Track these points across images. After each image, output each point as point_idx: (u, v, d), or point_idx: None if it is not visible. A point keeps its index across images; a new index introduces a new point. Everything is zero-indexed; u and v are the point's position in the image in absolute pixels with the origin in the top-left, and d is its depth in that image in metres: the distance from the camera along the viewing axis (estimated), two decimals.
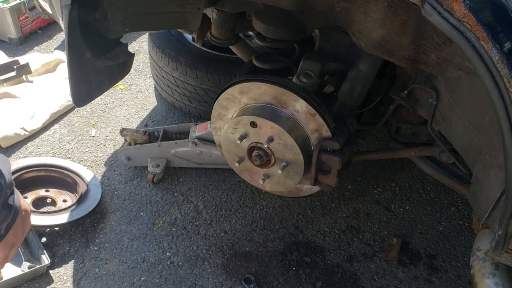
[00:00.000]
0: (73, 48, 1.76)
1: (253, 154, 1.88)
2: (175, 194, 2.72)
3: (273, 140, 1.82)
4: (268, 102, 1.83)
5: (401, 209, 2.69)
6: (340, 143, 1.77)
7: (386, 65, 2.10)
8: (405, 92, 1.95)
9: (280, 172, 1.85)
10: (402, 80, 2.03)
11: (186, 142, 2.71)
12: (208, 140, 2.70)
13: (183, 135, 2.82)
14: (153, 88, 3.51)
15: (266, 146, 1.82)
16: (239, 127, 1.87)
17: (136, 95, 3.46)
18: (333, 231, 2.55)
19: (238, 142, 1.86)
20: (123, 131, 2.82)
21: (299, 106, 1.78)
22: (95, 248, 2.43)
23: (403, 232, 2.57)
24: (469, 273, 2.27)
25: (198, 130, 2.74)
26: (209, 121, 2.74)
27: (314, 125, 1.80)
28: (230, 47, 2.54)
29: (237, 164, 1.95)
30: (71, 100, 2.48)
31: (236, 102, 1.91)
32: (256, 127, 1.83)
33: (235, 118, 1.88)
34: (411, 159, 2.20)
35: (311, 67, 1.93)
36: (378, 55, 1.73)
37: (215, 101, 1.98)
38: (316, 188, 2.01)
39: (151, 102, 3.40)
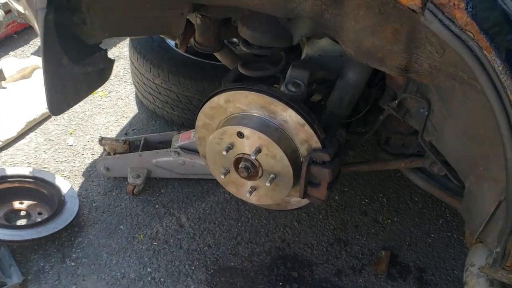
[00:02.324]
0: (49, 54, 1.66)
1: (240, 165, 1.79)
2: (157, 206, 2.62)
3: (260, 151, 1.74)
4: (256, 111, 1.75)
5: (389, 221, 2.63)
6: (330, 154, 1.69)
7: (376, 74, 2.04)
8: (396, 102, 1.89)
9: (268, 184, 1.76)
10: (392, 90, 1.97)
11: (168, 152, 2.61)
12: (191, 150, 2.61)
13: (165, 144, 2.73)
14: (134, 95, 3.40)
15: (253, 157, 1.73)
16: (225, 137, 1.78)
17: (116, 102, 3.35)
18: (320, 244, 2.48)
19: (224, 153, 1.77)
20: (102, 140, 2.70)
21: (288, 116, 1.71)
22: (72, 263, 2.31)
23: (392, 244, 2.51)
24: None
25: (181, 139, 2.65)
26: (193, 130, 2.66)
27: (303, 135, 1.72)
28: (215, 53, 2.46)
29: (222, 176, 1.86)
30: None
31: (222, 111, 1.82)
32: (243, 137, 1.74)
33: (221, 128, 1.79)
34: (401, 170, 2.14)
35: (299, 76, 1.86)
36: (369, 63, 1.66)
37: (199, 110, 1.89)
38: (304, 201, 1.93)
39: (132, 109, 3.29)
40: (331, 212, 2.64)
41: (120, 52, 3.89)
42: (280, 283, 2.28)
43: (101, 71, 1.94)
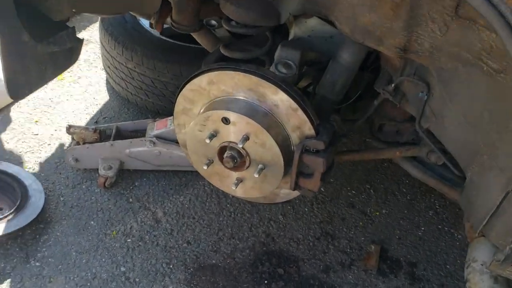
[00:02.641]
0: (6, 30, 1.48)
1: (225, 155, 1.63)
2: (130, 200, 2.42)
3: (248, 139, 1.57)
4: (243, 94, 1.58)
5: (377, 213, 2.51)
6: (325, 142, 1.54)
7: (369, 56, 1.89)
8: (392, 86, 1.75)
9: (256, 176, 1.60)
10: (387, 72, 1.83)
11: (143, 141, 2.42)
12: (168, 139, 2.42)
13: (139, 133, 2.53)
14: (105, 81, 3.17)
15: (240, 146, 1.56)
16: (209, 123, 1.61)
17: (85, 88, 3.11)
18: (306, 238, 2.33)
19: (208, 141, 1.60)
20: (70, 129, 2.49)
21: (279, 100, 1.54)
22: (37, 264, 2.10)
23: (381, 238, 2.39)
24: (459, 284, 2.14)
25: (156, 127, 2.46)
26: (169, 118, 2.47)
27: (295, 121, 1.56)
28: (193, 35, 2.27)
29: (205, 167, 1.69)
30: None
31: (204, 94, 1.65)
32: (229, 123, 1.57)
33: (203, 113, 1.62)
34: (394, 159, 2.01)
35: (290, 56, 1.69)
36: (365, 43, 1.53)
37: (178, 93, 1.71)
38: (295, 193, 1.77)
39: (103, 96, 3.06)
40: (317, 204, 2.50)
41: (91, 36, 3.64)
42: (265, 281, 2.13)
43: (68, 51, 1.79)
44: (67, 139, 2.70)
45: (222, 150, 1.65)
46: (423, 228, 2.47)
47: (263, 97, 1.56)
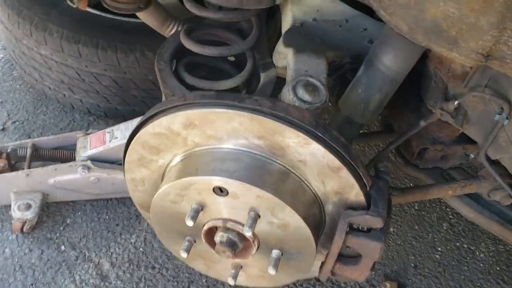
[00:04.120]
0: None
1: (218, 239, 1.01)
2: (62, 248, 1.75)
3: (259, 218, 0.96)
4: (246, 144, 0.94)
5: None
6: (383, 217, 0.96)
7: None
8: (455, 103, 1.20)
9: (272, 270, 1.00)
10: (441, 83, 1.26)
11: (73, 167, 1.72)
12: (108, 160, 1.74)
13: (67, 151, 1.82)
14: (10, 67, 2.35)
15: (249, 233, 0.95)
16: (190, 194, 0.97)
17: None
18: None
19: (190, 223, 0.96)
20: None
21: (310, 155, 0.93)
22: None
23: (395, 269, 1.90)
24: None
25: (90, 144, 1.76)
26: (107, 130, 1.78)
27: (334, 185, 0.97)
28: (139, 15, 1.56)
29: (184, 255, 1.05)
30: None
31: (177, 142, 0.99)
32: (227, 195, 0.94)
33: (180, 179, 0.96)
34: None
35: (312, 68, 1.06)
36: (430, 46, 1.00)
37: (131, 138, 1.04)
38: (312, 274, 1.20)
39: (9, 89, 2.26)
40: None
41: None
42: None
43: None
44: None
45: (211, 231, 1.02)
46: (439, 249, 2.01)
47: (282, 150, 0.93)
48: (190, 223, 0.95)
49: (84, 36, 1.89)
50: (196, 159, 0.97)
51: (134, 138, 1.02)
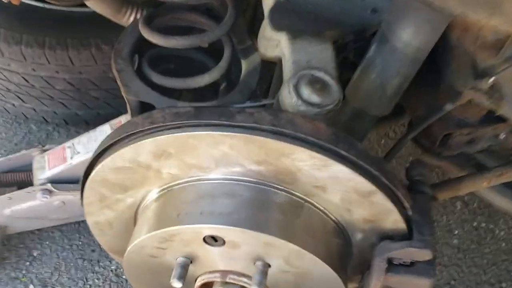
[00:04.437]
0: None
1: None
2: (31, 286, 1.50)
3: (270, 267, 0.72)
4: (243, 173, 0.69)
5: None
6: (432, 247, 0.73)
7: None
8: (490, 80, 0.97)
9: None
10: (467, 55, 1.03)
11: (31, 193, 1.45)
12: (71, 181, 1.48)
13: (21, 172, 1.54)
14: None
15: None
16: (175, 245, 0.72)
17: None
18: None
19: (178, 284, 0.72)
20: None
21: (329, 179, 0.68)
22: None
23: None
24: None
25: (49, 163, 1.50)
26: (67, 144, 1.51)
27: (365, 212, 0.73)
28: (87, 3, 1.29)
29: None
30: None
31: (150, 175, 0.74)
32: (223, 244, 0.70)
33: (157, 230, 0.71)
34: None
35: (318, 59, 0.81)
36: (465, 14, 0.77)
37: (86, 174, 0.78)
38: None
39: None
40: None
41: None
42: None
43: None
44: None
45: (208, 285, 0.78)
46: (456, 232, 1.82)
47: (291, 175, 0.69)
48: (177, 284, 0.71)
49: (26, 34, 1.60)
50: (176, 197, 0.72)
51: (90, 176, 0.76)
